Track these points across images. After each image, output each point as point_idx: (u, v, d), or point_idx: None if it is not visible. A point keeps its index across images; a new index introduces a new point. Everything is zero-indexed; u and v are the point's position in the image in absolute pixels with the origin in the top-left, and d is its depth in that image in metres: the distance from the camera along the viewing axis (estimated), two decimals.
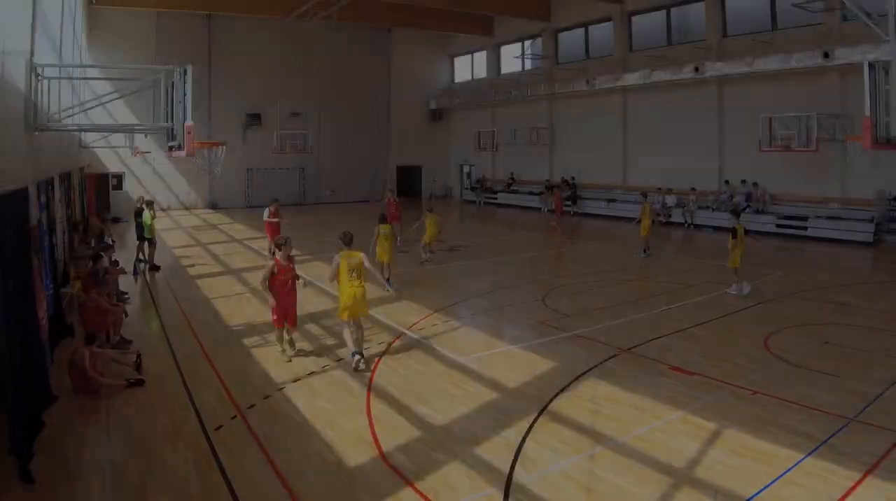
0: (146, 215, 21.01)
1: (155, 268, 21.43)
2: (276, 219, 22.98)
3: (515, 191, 46.23)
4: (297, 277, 12.73)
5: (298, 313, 12.91)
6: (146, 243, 21.53)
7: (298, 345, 12.82)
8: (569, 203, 39.13)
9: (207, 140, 34.88)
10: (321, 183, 48.40)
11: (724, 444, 8.58)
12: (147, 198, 23.39)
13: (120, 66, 31.98)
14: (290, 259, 12.45)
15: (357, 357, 11.56)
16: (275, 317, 12.30)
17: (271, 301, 12.14)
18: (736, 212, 18.40)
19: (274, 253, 13.89)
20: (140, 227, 21.53)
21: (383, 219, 19.02)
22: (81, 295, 13.89)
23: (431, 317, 15.45)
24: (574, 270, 21.41)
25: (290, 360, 12.14)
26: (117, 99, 18.26)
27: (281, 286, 12.24)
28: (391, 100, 50.88)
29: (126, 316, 14.22)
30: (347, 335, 11.79)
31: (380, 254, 18.39)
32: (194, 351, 12.94)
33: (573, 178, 41.97)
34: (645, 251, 23.19)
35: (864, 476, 7.57)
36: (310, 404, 10.11)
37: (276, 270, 12.11)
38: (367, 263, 11.78)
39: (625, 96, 38.55)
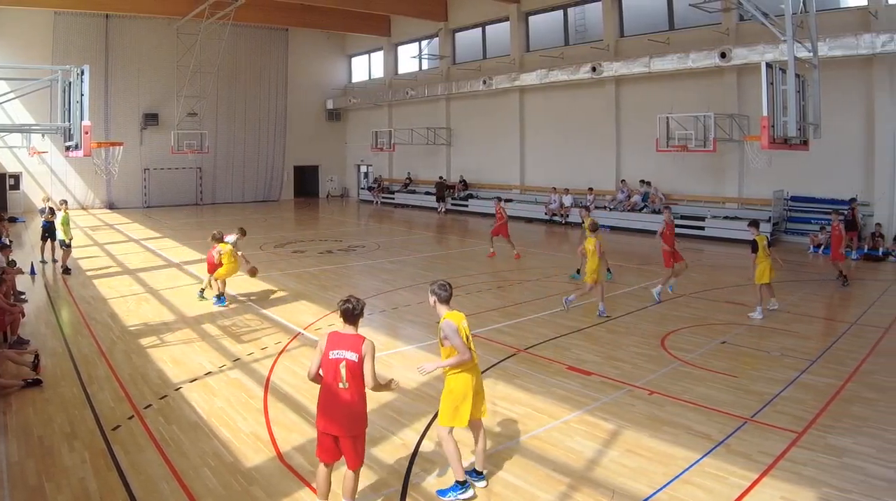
0: (62, 216, 20.78)
1: (66, 271, 20.96)
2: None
3: (413, 191, 46.48)
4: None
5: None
6: (59, 245, 21.29)
7: (196, 345, 13.15)
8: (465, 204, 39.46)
9: (105, 140, 35.31)
10: (217, 182, 48.43)
11: (621, 444, 8.69)
12: (59, 198, 22.98)
13: (16, 65, 31.81)
14: None
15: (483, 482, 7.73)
16: None
17: None
18: (755, 224, 17.13)
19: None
20: (49, 227, 21.57)
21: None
22: None
23: (329, 317, 15.50)
24: (472, 270, 21.45)
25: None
26: (13, 99, 17.91)
27: None
28: (288, 99, 50.88)
29: (24, 316, 14.05)
30: (451, 444, 7.43)
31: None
32: (92, 351, 12.90)
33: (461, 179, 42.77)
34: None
35: (761, 476, 7.75)
36: (207, 404, 10.14)
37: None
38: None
39: (522, 96, 39.05)
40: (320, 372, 6.80)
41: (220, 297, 16.80)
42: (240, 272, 17.54)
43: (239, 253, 17.10)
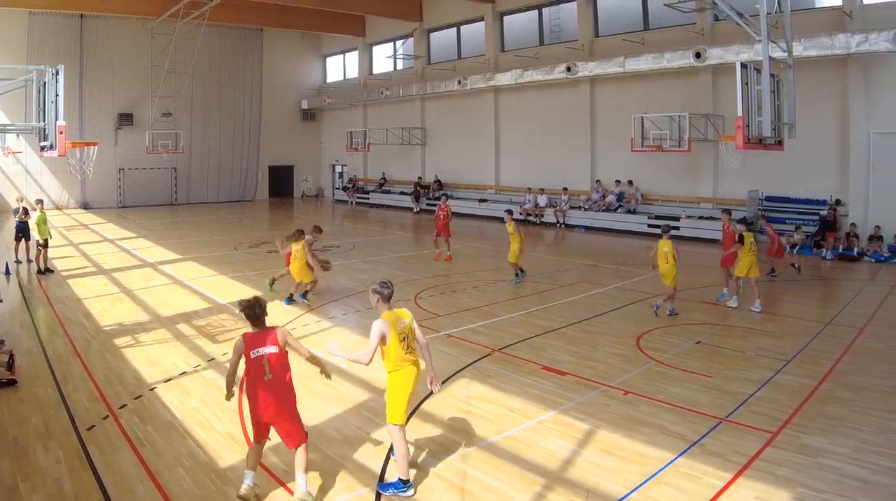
0: (38, 215, 20.60)
1: (47, 271, 20.82)
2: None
3: (388, 191, 46.46)
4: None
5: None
6: (34, 244, 21.14)
7: (171, 345, 13.21)
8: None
9: (80, 140, 35.18)
10: (192, 183, 48.42)
11: (596, 444, 8.69)
12: (34, 198, 22.79)
13: None
14: None
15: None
16: None
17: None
18: (745, 221, 18.03)
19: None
20: (23, 228, 21.45)
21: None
22: None
23: (303, 317, 15.59)
24: (446, 270, 21.43)
25: None
26: None
27: None
28: (263, 100, 50.80)
29: None
30: (403, 444, 7.68)
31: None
32: (66, 351, 12.87)
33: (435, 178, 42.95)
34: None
35: (736, 476, 7.77)
36: (182, 404, 10.14)
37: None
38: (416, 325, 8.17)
39: (497, 96, 39.08)
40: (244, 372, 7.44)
41: (290, 298, 16.73)
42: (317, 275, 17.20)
43: (308, 253, 16.57)
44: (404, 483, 7.41)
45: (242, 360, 7.36)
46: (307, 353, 7.67)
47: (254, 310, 7.40)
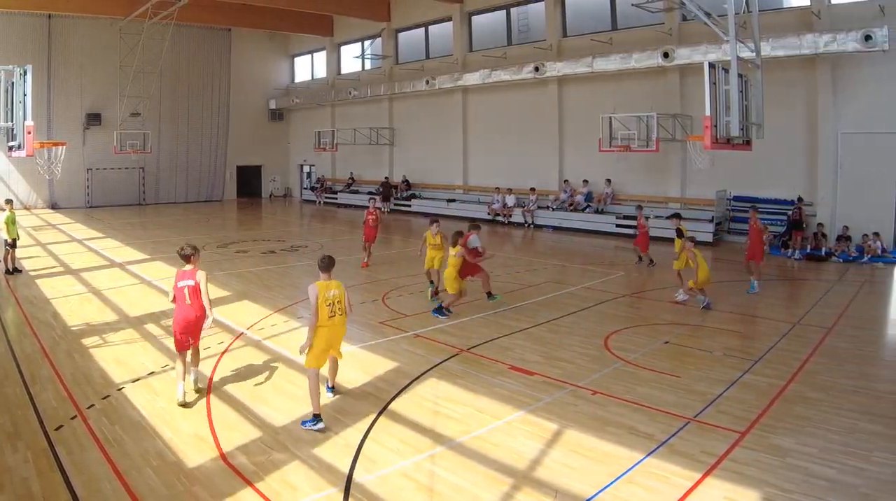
0: (7, 215, 20.39)
1: (16, 271, 20.59)
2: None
3: (356, 191, 46.32)
4: None
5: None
6: (4, 244, 20.86)
7: (139, 345, 13.25)
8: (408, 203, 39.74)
9: (48, 140, 35.05)
10: (160, 183, 48.38)
11: (564, 444, 8.70)
12: (3, 198, 22.73)
13: None
14: None
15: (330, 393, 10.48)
16: None
17: None
18: (678, 216, 18.66)
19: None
20: None
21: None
22: None
23: (271, 317, 15.58)
24: (414, 270, 21.37)
25: None
26: None
27: None
28: (231, 100, 50.67)
29: None
30: (315, 385, 9.44)
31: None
32: (34, 351, 12.86)
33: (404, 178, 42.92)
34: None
35: (704, 476, 7.79)
36: (150, 404, 10.13)
37: None
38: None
39: (465, 96, 39.14)
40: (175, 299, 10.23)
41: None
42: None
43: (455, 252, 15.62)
44: (317, 418, 9.20)
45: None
46: (207, 299, 10.26)
47: (184, 251, 10.41)
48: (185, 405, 9.81)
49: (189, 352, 10.40)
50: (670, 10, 27.88)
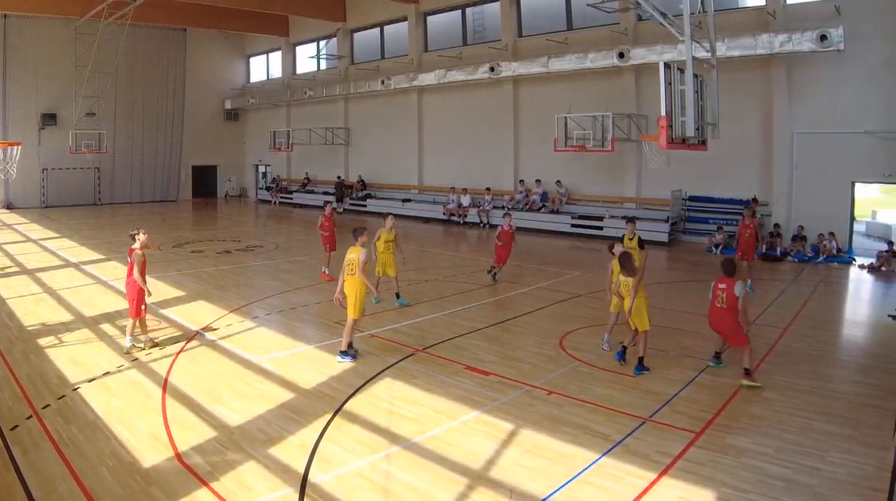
0: None
1: None
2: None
3: (311, 191, 46.28)
4: None
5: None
6: None
7: (95, 345, 13.21)
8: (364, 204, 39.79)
9: (2, 140, 35.51)
10: (116, 182, 48.15)
11: (520, 444, 8.70)
12: None
13: None
14: None
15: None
16: None
17: None
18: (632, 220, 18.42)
19: None
20: None
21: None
22: None
23: (227, 317, 15.54)
24: (369, 270, 21.27)
25: None
26: None
27: None
28: (186, 100, 50.63)
29: None
30: (351, 330, 12.55)
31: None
32: None
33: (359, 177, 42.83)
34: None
35: (660, 476, 7.84)
36: (105, 404, 10.10)
37: None
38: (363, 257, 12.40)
39: (421, 96, 39.24)
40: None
41: None
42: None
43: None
44: (350, 352, 12.21)
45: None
46: (140, 276, 12.48)
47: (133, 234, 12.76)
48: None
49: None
50: (626, 11, 28.08)
